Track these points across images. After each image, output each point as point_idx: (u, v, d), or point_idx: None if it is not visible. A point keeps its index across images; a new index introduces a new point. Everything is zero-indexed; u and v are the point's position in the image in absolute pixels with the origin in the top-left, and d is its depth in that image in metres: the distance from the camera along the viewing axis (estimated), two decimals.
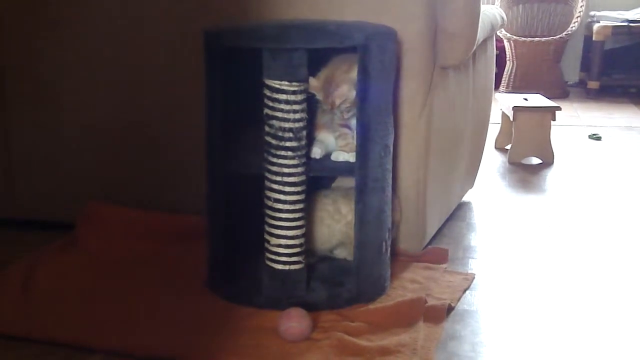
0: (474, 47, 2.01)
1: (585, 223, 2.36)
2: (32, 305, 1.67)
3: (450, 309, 1.69)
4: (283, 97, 1.57)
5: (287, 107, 1.58)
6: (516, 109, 3.13)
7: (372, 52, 1.59)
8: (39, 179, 2.20)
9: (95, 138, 2.15)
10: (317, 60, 1.62)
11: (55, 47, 2.11)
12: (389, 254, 1.76)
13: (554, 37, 4.92)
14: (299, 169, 1.61)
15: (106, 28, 2.07)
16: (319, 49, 1.58)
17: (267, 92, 1.59)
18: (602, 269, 1.98)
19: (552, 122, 3.14)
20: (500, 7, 4.87)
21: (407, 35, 1.82)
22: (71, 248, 1.99)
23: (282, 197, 1.61)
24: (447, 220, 2.32)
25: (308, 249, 1.70)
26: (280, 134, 1.59)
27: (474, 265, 1.98)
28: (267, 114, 1.60)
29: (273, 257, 1.64)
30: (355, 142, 1.65)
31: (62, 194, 2.19)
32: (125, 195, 2.15)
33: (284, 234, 1.63)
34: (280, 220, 1.62)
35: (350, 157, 1.67)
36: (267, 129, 1.60)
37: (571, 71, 5.29)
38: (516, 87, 4.88)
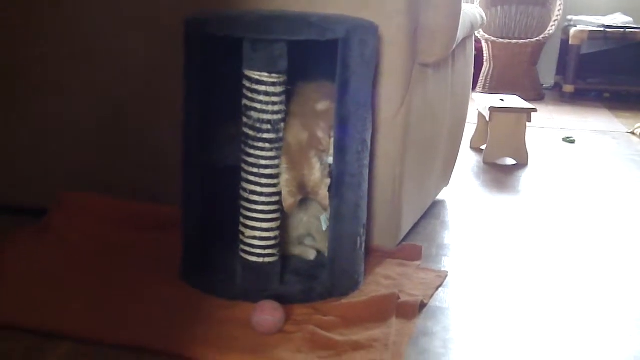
0: (454, 45, 2.01)
1: (557, 224, 2.38)
2: (0, 290, 1.65)
3: (422, 305, 1.70)
4: (262, 88, 1.57)
5: (266, 98, 1.57)
6: (492, 109, 3.15)
7: (353, 46, 1.59)
8: (12, 164, 2.17)
9: (71, 124, 2.12)
10: (297, 55, 1.62)
11: (33, 34, 2.08)
12: (363, 249, 1.76)
13: (531, 40, 4.96)
14: (276, 161, 1.61)
15: (86, 17, 2.05)
16: (300, 41, 1.57)
17: (247, 83, 1.58)
18: (572, 267, 1.99)
19: (528, 124, 3.17)
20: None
21: (388, 30, 1.82)
22: (43, 235, 1.96)
23: (258, 189, 1.60)
24: (422, 217, 2.32)
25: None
26: (258, 125, 1.58)
27: (447, 263, 1.99)
28: (245, 105, 1.59)
29: (247, 249, 1.64)
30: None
31: (36, 180, 2.16)
32: (100, 183, 2.12)
33: (259, 226, 1.62)
34: (255, 212, 1.62)
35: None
36: (245, 120, 1.59)
37: (547, 74, 5.34)
38: (492, 88, 4.91)
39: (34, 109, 2.13)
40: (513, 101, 3.29)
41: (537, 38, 4.96)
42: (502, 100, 3.30)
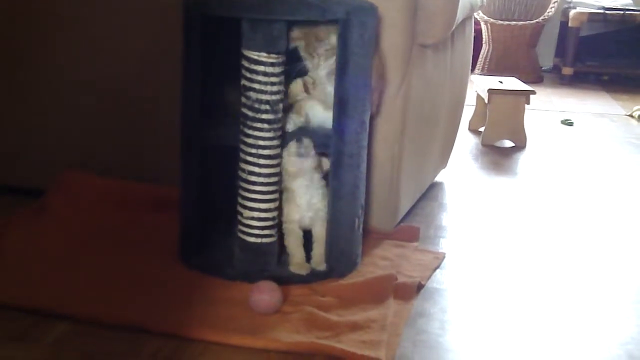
0: (454, 26, 2.00)
1: (555, 206, 2.38)
2: None
3: (420, 286, 1.70)
4: (261, 68, 1.56)
5: (265, 79, 1.56)
6: (491, 91, 3.14)
7: (353, 27, 1.58)
8: (11, 143, 2.17)
9: (71, 104, 2.11)
10: None
11: (33, 17, 2.07)
12: (361, 231, 1.76)
13: (531, 22, 4.94)
14: (275, 142, 1.60)
15: None
16: (299, 21, 1.56)
17: (245, 63, 1.57)
18: (570, 249, 2.00)
19: (526, 106, 3.16)
20: None
21: (387, 11, 1.81)
22: (42, 215, 1.96)
23: (256, 169, 1.60)
24: (420, 199, 2.33)
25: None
26: (257, 105, 1.58)
27: (445, 245, 2.00)
28: (244, 85, 1.58)
29: (245, 229, 1.64)
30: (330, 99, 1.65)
31: (36, 161, 2.16)
32: (99, 163, 2.12)
33: (257, 206, 1.62)
34: (253, 193, 1.61)
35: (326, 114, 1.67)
36: (244, 100, 1.59)
37: (546, 56, 5.32)
38: (491, 70, 4.90)
39: (34, 89, 2.12)
40: (512, 83, 3.29)
41: (537, 20, 4.94)
42: (501, 82, 3.29)
